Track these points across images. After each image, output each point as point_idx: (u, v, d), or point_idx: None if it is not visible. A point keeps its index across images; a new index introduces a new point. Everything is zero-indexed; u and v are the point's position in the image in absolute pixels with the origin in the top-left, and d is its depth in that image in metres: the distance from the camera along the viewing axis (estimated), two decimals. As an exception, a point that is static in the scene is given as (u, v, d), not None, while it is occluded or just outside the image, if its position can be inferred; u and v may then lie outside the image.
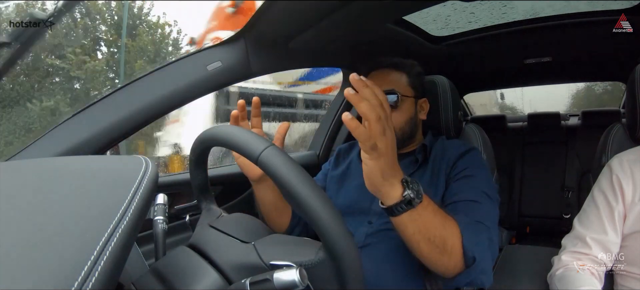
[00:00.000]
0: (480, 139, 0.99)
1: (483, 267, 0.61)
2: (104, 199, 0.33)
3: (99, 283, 0.25)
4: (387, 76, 0.84)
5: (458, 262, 0.59)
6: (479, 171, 0.76)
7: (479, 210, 0.68)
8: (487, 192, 0.71)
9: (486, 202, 0.70)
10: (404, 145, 0.86)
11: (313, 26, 0.82)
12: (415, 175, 0.82)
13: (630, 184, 0.72)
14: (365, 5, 0.76)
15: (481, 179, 0.74)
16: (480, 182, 0.73)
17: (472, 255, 0.59)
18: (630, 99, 0.87)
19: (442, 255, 0.57)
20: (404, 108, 0.82)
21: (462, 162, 0.78)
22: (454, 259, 0.58)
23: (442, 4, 0.98)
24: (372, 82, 0.86)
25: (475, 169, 0.76)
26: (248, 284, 0.38)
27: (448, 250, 0.57)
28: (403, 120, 0.82)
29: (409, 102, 0.83)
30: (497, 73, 1.80)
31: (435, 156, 0.82)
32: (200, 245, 0.49)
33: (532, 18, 1.22)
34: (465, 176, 0.75)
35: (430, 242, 0.55)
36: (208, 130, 0.50)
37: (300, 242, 0.44)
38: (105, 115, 0.75)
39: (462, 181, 0.74)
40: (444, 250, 0.57)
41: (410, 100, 0.83)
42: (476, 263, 0.59)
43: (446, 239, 0.57)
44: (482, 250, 0.61)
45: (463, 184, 0.74)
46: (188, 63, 0.82)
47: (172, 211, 0.95)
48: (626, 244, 0.72)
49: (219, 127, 0.49)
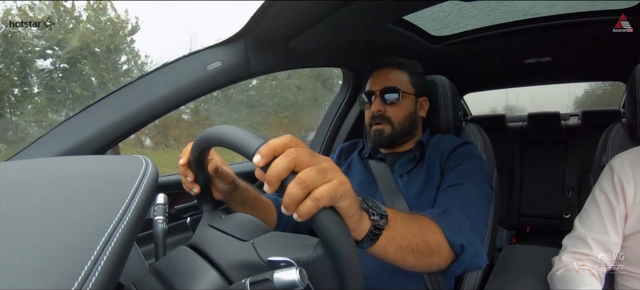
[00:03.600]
0: (480, 138, 0.99)
1: (475, 250, 0.60)
2: (104, 199, 0.33)
3: (99, 283, 0.25)
4: (389, 74, 0.88)
5: (448, 255, 0.58)
6: (468, 160, 0.77)
7: (460, 193, 0.69)
8: (474, 177, 0.72)
9: (470, 187, 0.70)
10: (403, 141, 0.88)
11: (313, 26, 0.82)
12: (414, 171, 0.83)
13: (631, 184, 0.72)
14: (365, 5, 0.76)
15: (469, 166, 0.76)
16: (466, 169, 0.75)
17: (459, 243, 0.58)
18: (630, 99, 0.87)
19: (430, 257, 0.55)
20: (404, 104, 0.86)
21: (455, 154, 0.80)
22: (443, 254, 0.57)
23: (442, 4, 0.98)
24: (375, 79, 0.88)
25: (465, 158, 0.78)
26: (248, 284, 0.38)
27: (435, 250, 0.55)
28: (402, 116, 0.86)
29: (409, 99, 0.87)
30: (497, 73, 1.80)
31: (431, 151, 0.84)
32: (199, 244, 0.49)
33: (532, 18, 1.22)
34: (456, 166, 0.76)
35: (415, 251, 0.52)
36: (206, 131, 0.50)
37: (298, 239, 0.44)
38: (105, 115, 0.75)
39: (451, 171, 0.76)
40: (431, 252, 0.54)
41: (410, 98, 0.87)
42: (466, 249, 0.58)
43: (428, 240, 0.54)
44: (467, 235, 0.60)
45: (451, 173, 0.75)
46: (188, 63, 0.82)
47: (172, 211, 0.95)
48: (627, 244, 0.72)
49: (217, 127, 0.49)
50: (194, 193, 0.57)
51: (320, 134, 1.43)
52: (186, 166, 0.55)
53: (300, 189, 0.34)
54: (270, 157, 0.35)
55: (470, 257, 0.59)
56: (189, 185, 0.56)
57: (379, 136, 0.86)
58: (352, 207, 0.38)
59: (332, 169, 0.36)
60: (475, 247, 0.61)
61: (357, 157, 0.94)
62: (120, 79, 4.92)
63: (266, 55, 0.90)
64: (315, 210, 0.35)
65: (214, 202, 0.60)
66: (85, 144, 0.72)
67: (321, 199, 0.34)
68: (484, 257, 0.63)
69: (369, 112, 0.88)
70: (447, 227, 0.58)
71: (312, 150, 0.37)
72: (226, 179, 0.60)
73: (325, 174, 0.35)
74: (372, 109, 0.87)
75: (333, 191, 0.35)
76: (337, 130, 1.42)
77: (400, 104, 0.85)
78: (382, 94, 0.85)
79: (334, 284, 0.39)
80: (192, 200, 0.97)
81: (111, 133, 0.74)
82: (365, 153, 0.93)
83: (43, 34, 4.62)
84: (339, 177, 0.36)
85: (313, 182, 0.34)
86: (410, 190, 0.80)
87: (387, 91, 0.85)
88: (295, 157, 0.34)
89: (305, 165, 0.35)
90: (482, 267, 0.63)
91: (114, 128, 0.75)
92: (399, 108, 0.85)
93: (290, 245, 0.42)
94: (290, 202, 0.34)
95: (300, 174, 0.34)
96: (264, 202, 0.73)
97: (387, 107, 0.86)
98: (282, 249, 0.42)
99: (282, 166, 0.34)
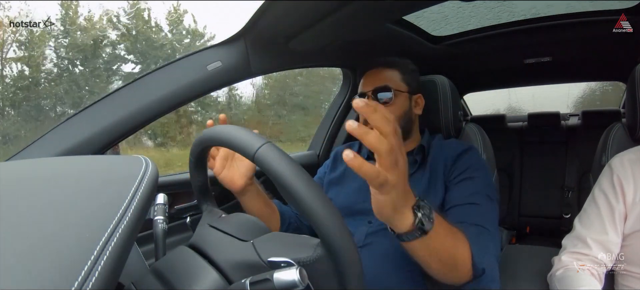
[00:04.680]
0: (480, 138, 0.99)
1: (492, 276, 0.61)
2: (104, 199, 0.33)
3: (99, 283, 0.25)
4: (381, 74, 0.87)
5: (467, 273, 0.59)
6: (478, 172, 0.76)
7: (479, 213, 0.68)
8: (487, 193, 0.72)
9: (486, 203, 0.70)
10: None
11: (313, 26, 0.82)
12: (415, 176, 0.82)
13: (631, 183, 0.72)
14: (365, 5, 0.76)
15: (480, 179, 0.74)
16: (479, 184, 0.73)
17: (482, 267, 0.59)
18: (630, 99, 0.87)
19: (451, 271, 0.57)
20: (398, 103, 0.84)
21: (461, 163, 0.78)
22: (463, 271, 0.58)
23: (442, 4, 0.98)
24: (367, 80, 0.88)
25: (474, 170, 0.76)
26: (248, 284, 0.38)
27: (458, 266, 0.57)
28: (397, 115, 0.84)
29: (403, 97, 0.86)
30: (497, 73, 1.80)
31: (434, 157, 0.83)
32: (200, 244, 0.49)
33: (532, 18, 1.22)
34: (465, 178, 0.75)
35: (441, 262, 0.55)
36: (206, 131, 0.50)
37: (298, 240, 0.44)
38: (105, 115, 0.75)
39: (461, 184, 0.74)
40: (455, 267, 0.56)
41: (404, 95, 0.86)
42: (485, 273, 0.59)
43: (456, 256, 0.56)
44: (491, 260, 0.61)
45: (463, 187, 0.74)
46: (188, 63, 0.82)
47: (172, 211, 0.95)
48: (627, 244, 0.72)
49: (217, 127, 0.49)
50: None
51: (320, 135, 1.43)
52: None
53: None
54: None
55: (487, 282, 0.60)
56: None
57: None
58: (398, 187, 0.43)
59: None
60: (494, 273, 0.62)
61: None
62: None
63: (266, 55, 0.90)
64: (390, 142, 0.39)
65: (214, 202, 0.60)
66: (85, 144, 0.72)
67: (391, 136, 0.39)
68: (498, 283, 0.64)
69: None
70: (478, 250, 0.59)
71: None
72: (247, 173, 0.67)
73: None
74: None
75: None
76: (337, 131, 1.42)
77: (393, 102, 0.83)
78: (374, 93, 0.84)
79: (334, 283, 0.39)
80: (192, 200, 0.97)
81: (111, 133, 0.74)
82: (364, 154, 0.92)
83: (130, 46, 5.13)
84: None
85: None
86: None
87: (380, 90, 0.84)
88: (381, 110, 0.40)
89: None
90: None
91: (114, 128, 0.75)
92: (393, 107, 0.84)
93: (291, 245, 0.42)
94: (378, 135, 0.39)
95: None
96: (271, 204, 0.76)
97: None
98: (282, 249, 0.42)
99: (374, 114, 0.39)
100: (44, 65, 4.98)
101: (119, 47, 5.89)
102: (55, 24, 4.89)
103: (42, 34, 4.88)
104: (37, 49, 4.84)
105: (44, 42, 4.99)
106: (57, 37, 5.17)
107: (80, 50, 5.06)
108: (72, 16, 5.28)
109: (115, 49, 5.70)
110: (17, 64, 4.79)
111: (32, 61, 4.81)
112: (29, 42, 4.85)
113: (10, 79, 4.80)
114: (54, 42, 5.11)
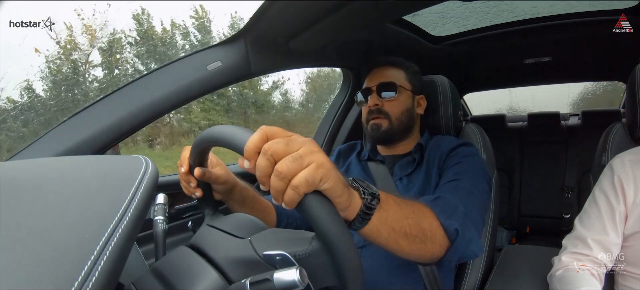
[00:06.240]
0: (480, 138, 0.99)
1: (469, 237, 0.59)
2: (104, 199, 0.33)
3: (99, 283, 0.25)
4: (386, 71, 0.89)
5: (442, 242, 0.56)
6: (467, 158, 0.77)
7: (452, 188, 0.68)
8: (471, 178, 0.72)
9: (464, 178, 0.71)
10: (401, 139, 0.88)
11: (313, 26, 0.82)
12: (414, 174, 0.83)
13: (631, 184, 0.71)
14: (365, 5, 0.76)
15: (467, 163, 0.76)
16: (464, 166, 0.75)
17: (453, 228, 0.57)
18: (630, 99, 0.87)
19: (424, 243, 0.53)
20: (401, 99, 0.87)
21: (454, 154, 0.80)
22: (438, 240, 0.56)
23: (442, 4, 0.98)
24: (372, 77, 0.88)
25: (464, 157, 0.78)
26: (248, 284, 0.38)
27: (428, 235, 0.54)
28: (400, 111, 0.86)
29: (406, 94, 0.88)
30: (497, 73, 1.80)
31: (430, 153, 0.84)
32: (199, 244, 0.49)
33: (532, 18, 1.22)
34: (454, 164, 0.77)
35: (409, 235, 0.51)
36: (204, 132, 0.50)
37: (295, 234, 0.43)
38: (105, 115, 0.75)
39: (449, 170, 0.76)
40: (425, 237, 0.53)
41: (407, 93, 0.88)
42: (460, 234, 0.57)
43: (421, 224, 0.53)
44: (461, 220, 0.59)
45: (449, 171, 0.75)
46: (188, 63, 0.82)
47: (172, 211, 0.95)
48: (627, 244, 0.72)
49: (212, 128, 0.49)
50: (196, 197, 0.57)
51: (319, 135, 1.43)
52: (187, 173, 0.55)
53: (279, 181, 0.35)
54: (255, 158, 0.36)
55: (465, 243, 0.58)
56: (191, 190, 0.57)
57: (376, 130, 0.86)
58: (337, 187, 0.38)
59: (310, 152, 0.36)
60: (470, 233, 0.60)
61: (355, 159, 0.93)
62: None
63: (266, 55, 0.90)
64: (297, 198, 0.35)
65: (215, 205, 0.60)
66: (85, 144, 0.72)
67: (299, 186, 0.35)
68: (480, 244, 0.62)
69: (366, 107, 0.88)
70: (441, 211, 0.58)
71: (289, 135, 0.37)
72: (217, 181, 0.60)
73: (302, 160, 0.35)
74: (369, 103, 0.87)
75: (310, 176, 0.35)
76: (336, 131, 1.42)
77: (397, 99, 0.86)
78: (379, 89, 0.86)
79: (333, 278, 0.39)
80: (192, 200, 0.97)
81: (111, 133, 0.74)
82: (364, 155, 0.93)
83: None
84: (317, 159, 0.36)
85: (289, 171, 0.35)
86: (409, 194, 0.80)
87: (384, 86, 0.86)
88: (272, 152, 0.35)
89: (281, 155, 0.35)
90: (478, 255, 0.62)
91: (114, 128, 0.75)
92: (396, 103, 0.86)
93: (287, 241, 0.42)
94: (275, 194, 0.35)
95: (276, 166, 0.35)
96: (263, 203, 0.73)
97: (385, 102, 0.86)
98: (278, 245, 0.42)
99: (263, 165, 0.35)
100: (126, 70, 5.07)
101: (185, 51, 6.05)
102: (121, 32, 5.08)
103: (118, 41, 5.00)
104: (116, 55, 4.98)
105: (122, 49, 5.11)
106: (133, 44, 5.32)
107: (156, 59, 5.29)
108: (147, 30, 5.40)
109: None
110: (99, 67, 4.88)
111: (110, 67, 4.92)
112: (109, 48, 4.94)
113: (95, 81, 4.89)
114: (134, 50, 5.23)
